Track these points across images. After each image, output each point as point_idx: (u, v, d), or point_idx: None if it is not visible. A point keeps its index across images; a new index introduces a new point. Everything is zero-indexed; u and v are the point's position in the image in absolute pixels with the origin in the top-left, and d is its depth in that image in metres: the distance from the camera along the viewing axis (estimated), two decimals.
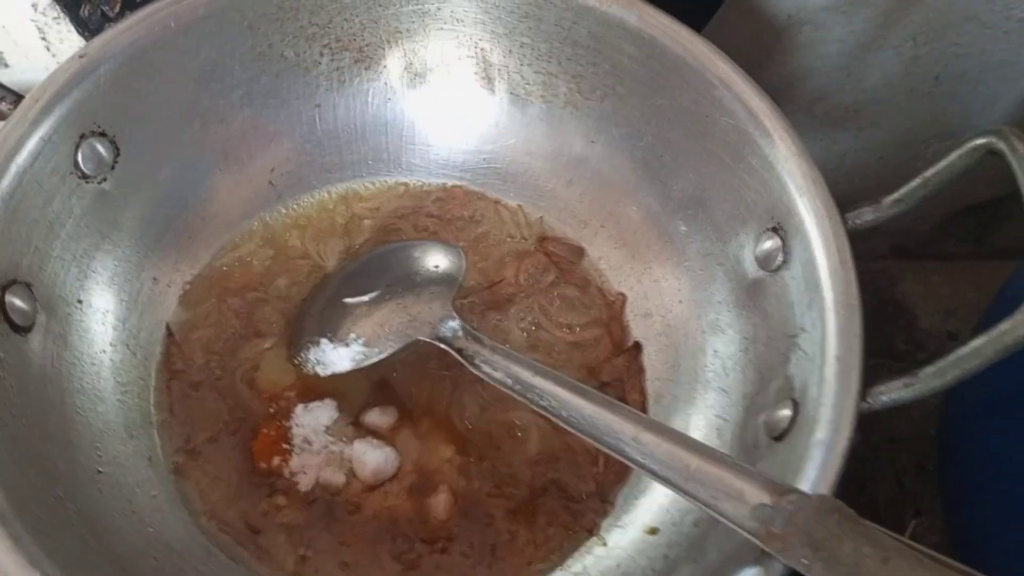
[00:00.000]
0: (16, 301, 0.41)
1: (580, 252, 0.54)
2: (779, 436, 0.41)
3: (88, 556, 0.36)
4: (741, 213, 0.47)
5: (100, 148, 0.46)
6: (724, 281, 0.49)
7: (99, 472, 0.42)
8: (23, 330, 0.41)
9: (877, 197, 0.43)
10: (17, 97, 0.43)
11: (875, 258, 0.81)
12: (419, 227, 0.54)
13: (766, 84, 0.46)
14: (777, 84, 0.70)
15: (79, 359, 0.45)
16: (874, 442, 0.79)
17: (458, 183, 0.56)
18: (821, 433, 0.37)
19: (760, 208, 0.46)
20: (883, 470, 0.68)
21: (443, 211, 0.55)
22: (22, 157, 0.42)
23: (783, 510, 0.33)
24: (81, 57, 0.44)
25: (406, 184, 0.56)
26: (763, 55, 0.71)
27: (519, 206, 0.55)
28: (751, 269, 0.47)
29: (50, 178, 0.44)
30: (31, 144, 0.42)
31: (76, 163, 0.45)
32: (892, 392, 0.37)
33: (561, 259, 0.54)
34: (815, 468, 0.36)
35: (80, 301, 0.46)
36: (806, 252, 0.42)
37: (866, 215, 0.42)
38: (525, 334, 0.52)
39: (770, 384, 0.43)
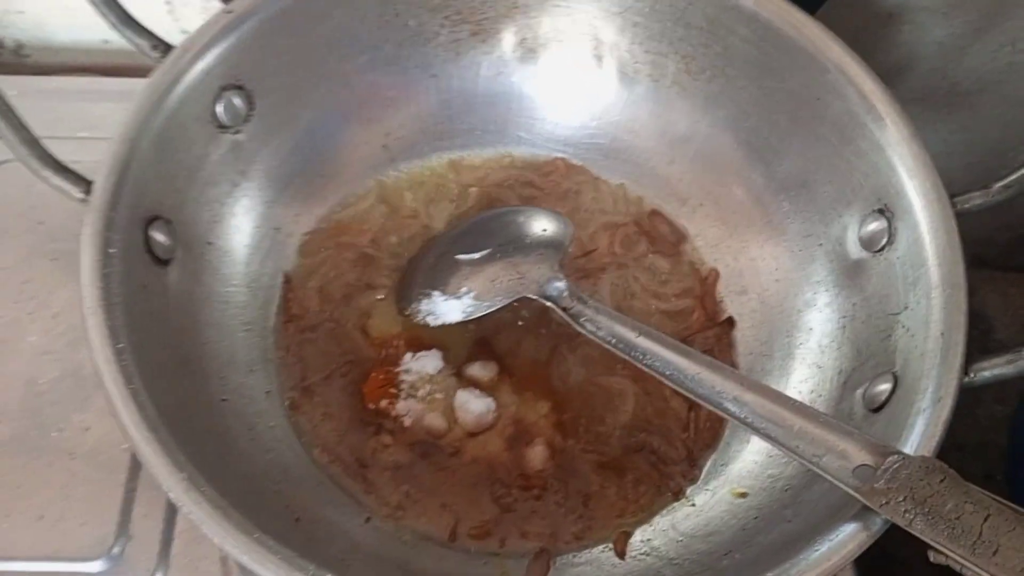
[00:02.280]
0: (158, 235, 0.44)
1: (682, 237, 0.55)
2: (877, 408, 0.42)
3: (220, 469, 0.39)
4: (846, 195, 0.48)
5: (237, 101, 0.49)
6: (824, 261, 0.50)
7: (223, 400, 0.45)
8: (163, 263, 0.45)
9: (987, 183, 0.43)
10: (167, 46, 0.46)
11: None
12: (522, 196, 0.57)
13: (879, 69, 0.47)
14: (891, 70, 0.70)
15: (208, 295, 0.48)
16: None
17: (561, 156, 0.58)
18: (923, 403, 0.38)
19: (867, 190, 0.47)
20: None
21: (545, 182, 0.57)
22: (171, 101, 0.45)
23: (886, 469, 0.34)
24: (228, 12, 0.47)
25: (511, 155, 0.58)
26: (862, 52, 0.71)
27: (621, 184, 0.57)
28: (854, 249, 0.48)
29: (193, 124, 0.47)
30: (179, 90, 0.45)
31: (215, 113, 0.48)
32: (994, 368, 0.38)
33: (658, 237, 0.55)
34: (917, 436, 0.37)
35: (211, 242, 0.49)
36: (913, 233, 0.43)
37: (975, 199, 0.43)
38: (617, 301, 0.53)
39: (868, 360, 0.44)
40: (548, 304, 0.47)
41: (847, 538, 0.35)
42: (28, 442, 0.52)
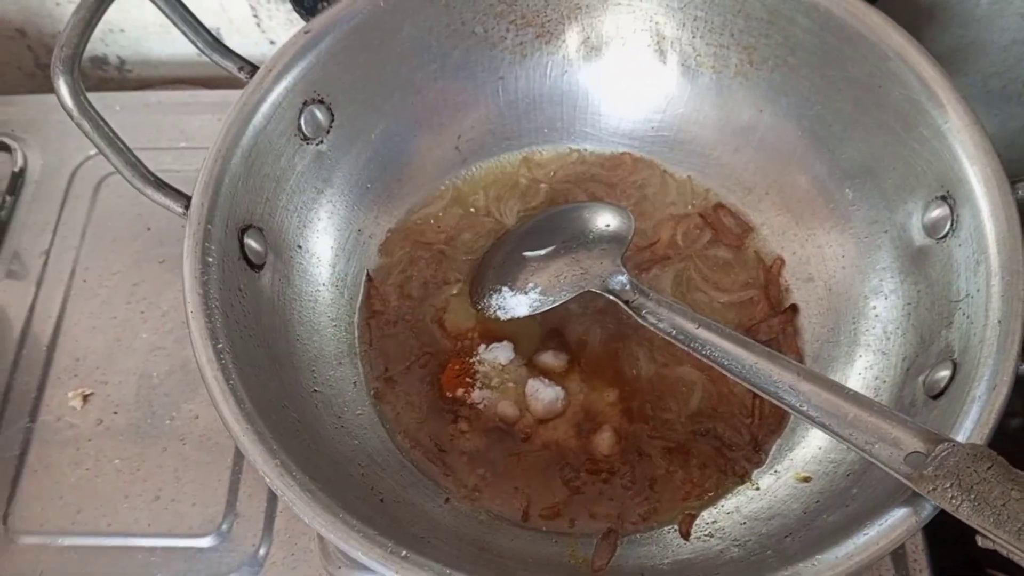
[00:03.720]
0: (252, 243, 0.48)
1: (748, 228, 0.56)
2: (936, 395, 0.42)
3: (310, 456, 0.43)
4: (910, 182, 0.48)
5: (319, 114, 0.53)
6: (889, 248, 0.50)
7: (314, 391, 0.49)
8: (257, 267, 0.49)
9: None
10: (253, 67, 0.50)
11: None
12: (589, 191, 0.59)
13: (939, 56, 0.47)
14: (952, 57, 0.69)
15: (299, 295, 0.52)
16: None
17: (627, 150, 0.60)
18: (978, 391, 0.38)
19: (930, 177, 0.47)
20: None
21: (612, 176, 0.59)
22: (258, 119, 0.49)
23: (936, 456, 0.35)
24: (306, 32, 0.51)
25: (579, 151, 0.60)
26: (937, 28, 0.70)
27: (688, 177, 0.58)
28: (918, 236, 0.48)
29: (279, 139, 0.51)
30: (265, 108, 0.49)
31: (299, 126, 0.52)
32: None
33: (724, 229, 0.56)
34: (971, 422, 0.38)
35: (300, 246, 0.53)
36: (975, 219, 0.43)
37: None
38: (681, 293, 0.55)
39: (931, 346, 0.45)
40: (610, 297, 0.49)
41: (896, 522, 0.36)
42: (144, 430, 0.58)
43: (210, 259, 0.44)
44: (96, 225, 0.66)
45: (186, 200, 0.45)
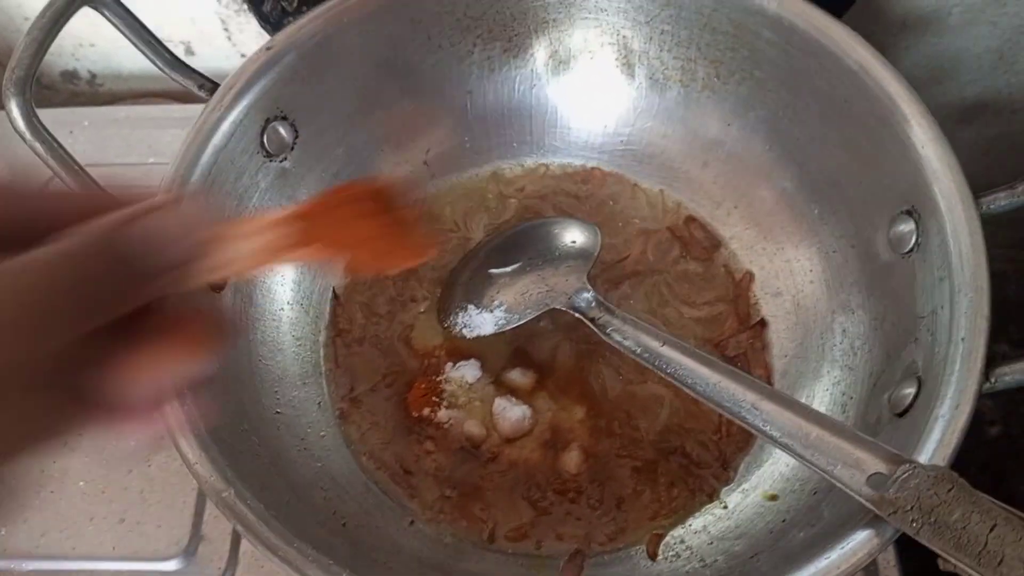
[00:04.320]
0: None
1: (717, 242, 0.56)
2: (902, 412, 0.42)
3: (269, 480, 0.42)
4: (876, 196, 0.48)
5: (282, 131, 0.52)
6: (856, 263, 0.50)
7: (277, 412, 0.49)
8: (218, 288, 0.48)
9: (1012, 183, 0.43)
10: (213, 84, 0.50)
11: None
12: (558, 206, 0.58)
13: (915, 66, 0.47)
14: (927, 66, 0.69)
15: (262, 314, 0.51)
16: (1014, 436, 0.77)
17: (596, 164, 0.59)
18: (941, 410, 0.38)
19: (895, 191, 0.47)
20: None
21: (581, 191, 0.59)
22: (218, 137, 0.48)
23: (897, 478, 0.35)
24: (268, 49, 0.50)
25: (547, 165, 0.60)
26: (911, 37, 0.70)
27: (660, 190, 0.58)
28: (884, 251, 0.48)
29: (241, 156, 0.50)
30: (225, 126, 0.49)
31: (262, 143, 0.51)
32: (1016, 373, 0.38)
33: (694, 242, 0.56)
34: (933, 442, 0.37)
35: None
36: (939, 235, 0.43)
37: (1000, 200, 0.43)
38: (650, 308, 0.54)
39: (896, 362, 0.44)
40: (576, 315, 0.48)
41: (857, 546, 0.35)
42: (109, 450, 0.57)
43: None
44: None
45: None
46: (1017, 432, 0.80)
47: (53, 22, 0.43)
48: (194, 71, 0.50)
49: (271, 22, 0.65)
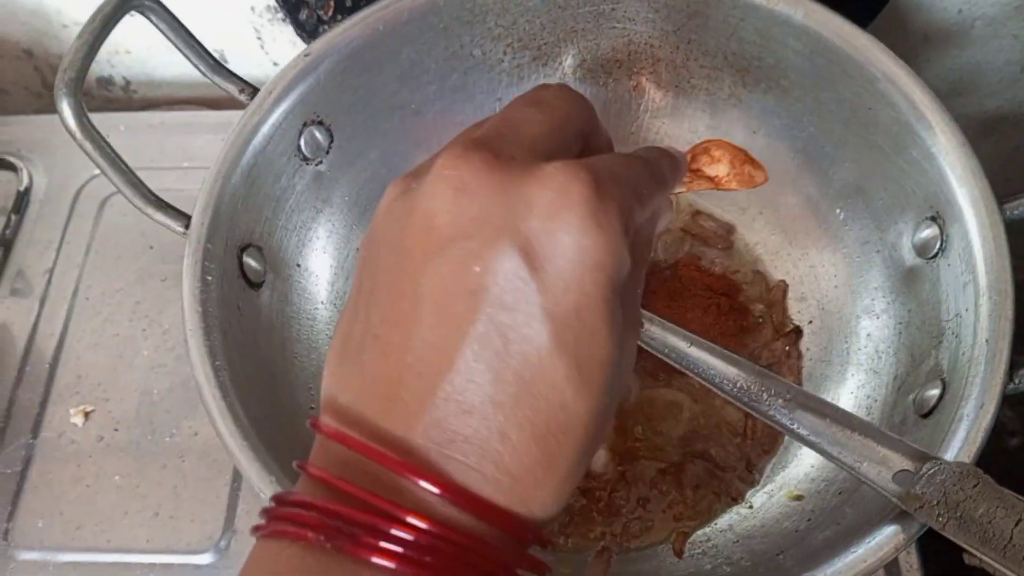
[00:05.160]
0: (251, 261, 0.49)
1: (731, 228, 0.57)
2: (927, 414, 0.43)
3: None
4: (900, 202, 0.49)
5: (318, 135, 0.53)
6: (881, 268, 0.51)
7: (311, 408, 0.50)
8: (256, 286, 0.49)
9: None
10: (253, 89, 0.51)
11: None
12: None
13: (937, 78, 0.48)
14: (948, 78, 0.70)
15: (297, 314, 0.52)
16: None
17: None
18: (966, 409, 0.39)
19: (919, 197, 0.47)
20: None
21: None
22: (258, 140, 0.50)
23: (923, 474, 0.35)
24: (306, 55, 0.52)
25: None
26: (932, 50, 0.71)
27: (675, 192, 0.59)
28: (908, 256, 0.48)
29: (279, 159, 0.51)
30: (265, 129, 0.50)
31: (299, 147, 0.53)
32: None
33: (711, 234, 0.57)
34: (959, 441, 0.38)
35: (299, 265, 0.53)
36: (963, 240, 0.44)
37: None
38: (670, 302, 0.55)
39: (921, 365, 0.45)
40: None
41: (884, 540, 0.36)
42: (144, 446, 0.58)
43: (209, 278, 0.45)
44: (99, 243, 0.67)
45: (186, 219, 0.46)
46: None
47: (103, 25, 0.44)
48: (235, 76, 0.51)
49: (307, 30, 0.66)
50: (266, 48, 0.80)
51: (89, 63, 0.44)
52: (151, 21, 0.48)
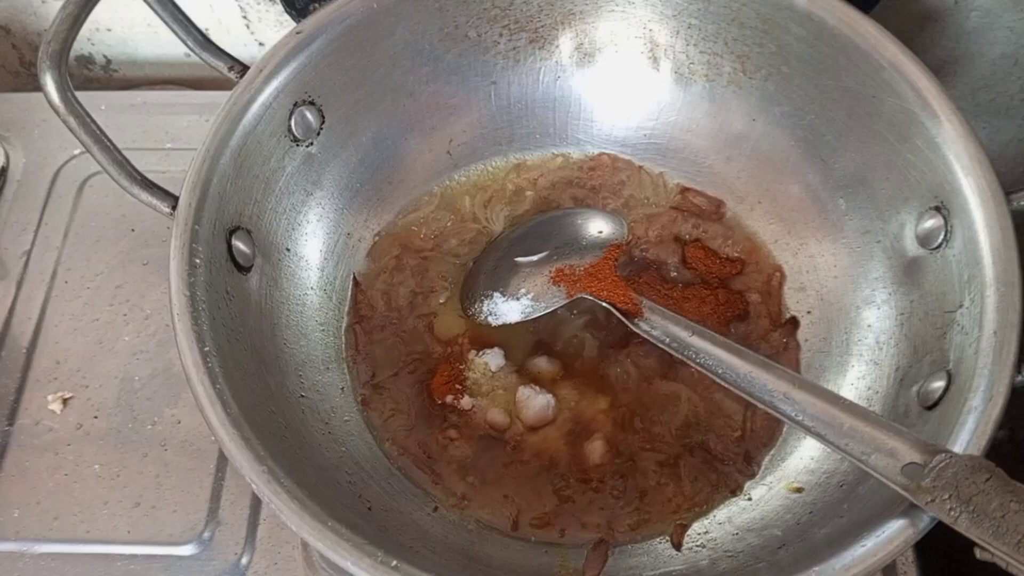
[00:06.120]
0: (240, 244, 0.48)
1: (720, 203, 0.57)
2: (931, 406, 0.42)
3: (297, 462, 0.42)
4: (903, 192, 0.48)
5: (309, 116, 0.52)
6: (882, 258, 0.50)
7: (301, 396, 0.48)
8: (244, 270, 0.48)
9: None
10: (243, 67, 0.50)
11: None
12: (575, 197, 0.58)
13: (929, 68, 0.47)
14: (941, 70, 0.69)
15: (286, 299, 0.51)
16: (1019, 440, 0.77)
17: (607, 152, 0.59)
18: (975, 401, 0.38)
19: (923, 187, 0.47)
20: None
21: (592, 179, 0.59)
22: (248, 119, 0.48)
23: (934, 467, 0.35)
24: (298, 33, 0.50)
25: (565, 155, 0.60)
26: (927, 40, 0.70)
27: (660, 173, 0.58)
28: (911, 247, 0.48)
29: (268, 140, 0.50)
30: (255, 108, 0.48)
31: (289, 128, 0.51)
32: None
33: (702, 211, 0.56)
34: (967, 433, 0.37)
35: (288, 249, 0.52)
36: (968, 231, 0.43)
37: None
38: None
39: (924, 357, 0.45)
40: (604, 304, 0.48)
41: (893, 534, 0.35)
42: (124, 435, 0.57)
43: (197, 260, 0.43)
44: (79, 226, 0.65)
45: (173, 200, 0.45)
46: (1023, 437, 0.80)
47: None
48: (225, 53, 0.49)
49: (296, 8, 0.65)
50: (252, 28, 0.78)
51: (74, 36, 0.42)
52: None
